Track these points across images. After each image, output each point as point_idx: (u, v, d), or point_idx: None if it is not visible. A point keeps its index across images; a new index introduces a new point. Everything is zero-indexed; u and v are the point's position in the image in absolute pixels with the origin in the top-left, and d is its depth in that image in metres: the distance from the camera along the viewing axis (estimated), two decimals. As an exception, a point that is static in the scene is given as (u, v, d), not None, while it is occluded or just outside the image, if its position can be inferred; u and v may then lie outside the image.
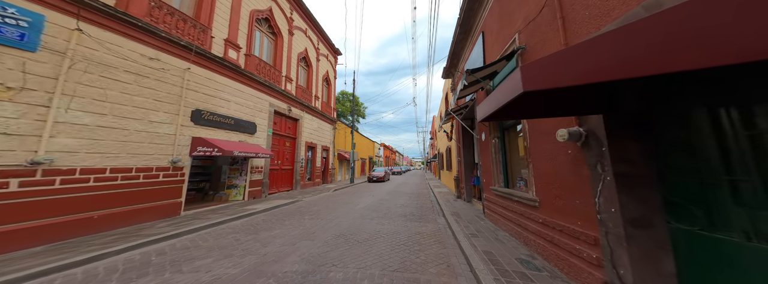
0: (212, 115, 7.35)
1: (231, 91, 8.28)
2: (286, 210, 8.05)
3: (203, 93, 7.18)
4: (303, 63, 15.31)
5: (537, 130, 4.23)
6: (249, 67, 9.38)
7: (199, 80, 7.09)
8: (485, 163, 7.39)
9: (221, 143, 6.99)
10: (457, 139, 11.67)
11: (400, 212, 8.66)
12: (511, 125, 5.92)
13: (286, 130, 12.61)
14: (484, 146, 7.36)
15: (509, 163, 6.17)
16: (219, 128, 7.62)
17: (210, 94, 7.41)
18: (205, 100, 7.22)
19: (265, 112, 10.32)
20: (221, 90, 7.87)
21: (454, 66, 11.69)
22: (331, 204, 9.83)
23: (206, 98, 7.29)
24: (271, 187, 11.08)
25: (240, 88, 8.77)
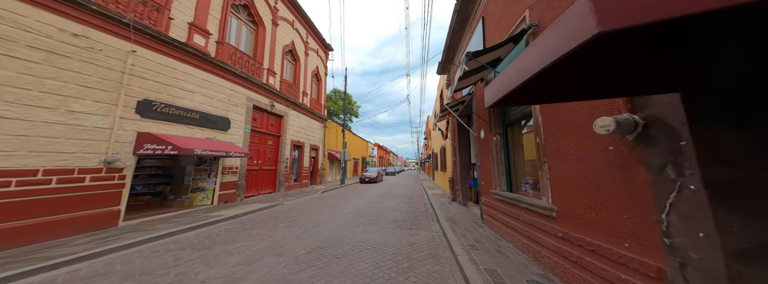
0: (168, 108, 6.32)
1: (196, 81, 7.27)
2: (259, 217, 7.06)
3: (156, 81, 6.14)
4: (289, 56, 14.30)
5: (556, 121, 3.33)
6: (221, 56, 8.36)
7: (151, 66, 6.05)
8: (484, 164, 6.49)
9: (179, 140, 5.98)
10: (453, 138, 10.78)
11: (390, 217, 7.74)
12: (516, 119, 5.03)
13: (268, 127, 11.60)
14: (483, 145, 6.47)
15: (513, 164, 5.27)
16: (178, 123, 6.60)
17: (166, 82, 6.38)
18: (158, 90, 6.19)
19: (241, 107, 9.30)
20: (182, 79, 6.85)
21: (450, 60, 10.81)
22: (315, 207, 8.85)
23: (160, 87, 6.26)
24: (249, 189, 10.05)
25: (209, 78, 7.76)
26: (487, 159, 6.04)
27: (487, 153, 6.02)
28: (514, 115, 5.06)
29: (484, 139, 6.41)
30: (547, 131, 3.51)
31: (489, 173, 5.96)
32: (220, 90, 8.19)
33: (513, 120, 5.11)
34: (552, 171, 3.40)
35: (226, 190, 8.26)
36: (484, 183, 6.55)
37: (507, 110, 5.36)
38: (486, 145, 6.17)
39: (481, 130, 6.64)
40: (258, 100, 10.45)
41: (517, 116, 4.96)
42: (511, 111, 5.17)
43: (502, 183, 5.33)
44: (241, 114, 9.27)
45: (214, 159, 7.91)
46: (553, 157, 3.37)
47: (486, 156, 6.21)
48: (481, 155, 6.76)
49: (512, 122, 5.19)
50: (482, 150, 6.65)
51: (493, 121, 5.69)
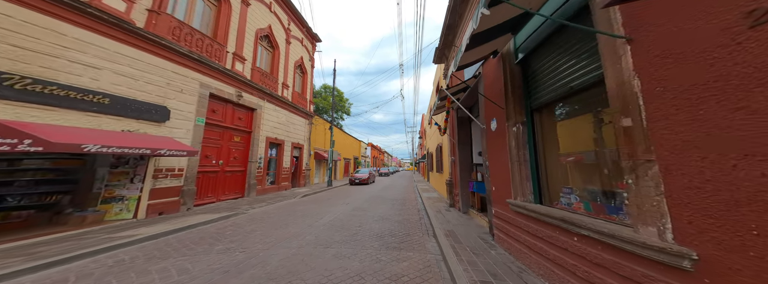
0: (44, 86, 4.38)
1: (107, 54, 5.34)
2: (196, 234, 5.17)
3: (16, 46, 4.20)
4: (265, 42, 12.42)
5: (681, 70, 1.51)
6: (157, 29, 6.46)
7: (6, 23, 4.13)
8: (496, 164, 4.69)
9: (54, 131, 4.07)
10: (451, 134, 8.99)
11: (376, 230, 6.00)
12: (550, 101, 3.22)
13: (234, 121, 9.70)
14: (495, 139, 4.67)
15: (545, 165, 3.46)
16: (68, 108, 4.63)
17: (43, 51, 4.43)
18: (23, 59, 4.24)
19: (190, 94, 7.41)
20: (78, 49, 4.90)
21: (449, 45, 9.00)
22: (284, 218, 7.01)
23: (29, 56, 4.30)
24: (203, 196, 8.16)
25: (132, 54, 5.85)
26: (502, 157, 4.23)
27: (502, 149, 4.22)
28: (547, 94, 3.23)
29: (496, 131, 4.61)
30: (656, 98, 1.70)
31: (504, 176, 4.15)
32: (152, 71, 6.29)
33: (545, 101, 3.29)
34: (672, 177, 1.59)
35: (162, 198, 6.36)
36: (496, 189, 4.75)
37: (535, 89, 3.56)
38: (500, 139, 4.36)
39: (492, 120, 4.83)
40: (218, 88, 8.56)
41: (551, 96, 3.14)
42: (542, 90, 3.36)
43: (526, 191, 3.52)
44: (191, 103, 7.38)
45: (141, 159, 6.01)
46: (675, 150, 1.56)
47: (499, 154, 4.40)
48: (491, 152, 4.95)
49: (543, 105, 3.38)
50: (493, 146, 4.85)
51: (512, 104, 3.88)
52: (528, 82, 3.76)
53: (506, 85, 4.05)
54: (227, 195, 9.19)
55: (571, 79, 2.74)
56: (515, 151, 3.74)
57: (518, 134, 3.71)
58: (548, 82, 3.19)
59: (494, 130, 4.71)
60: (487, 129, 5.17)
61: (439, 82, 12.92)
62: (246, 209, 7.95)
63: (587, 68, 2.50)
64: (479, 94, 4.92)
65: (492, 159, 4.93)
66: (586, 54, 2.52)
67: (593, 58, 2.40)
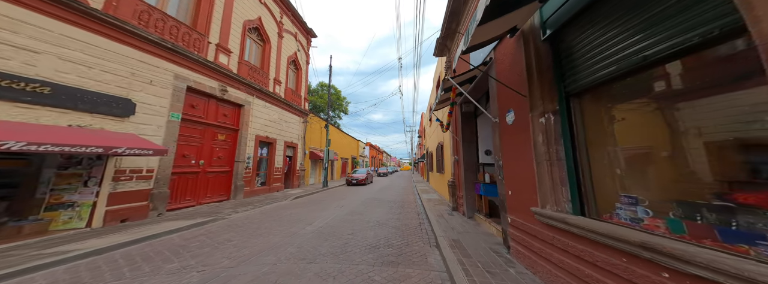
0: None
1: (47, 36, 4.41)
2: (149, 249, 4.28)
3: None
4: (254, 35, 11.55)
5: None
6: (120, 13, 5.58)
7: None
8: (513, 164, 3.84)
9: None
10: (454, 130, 8.14)
11: (370, 239, 5.19)
12: (599, 81, 2.35)
13: (217, 118, 8.83)
14: (513, 134, 3.81)
15: (585, 165, 2.61)
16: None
17: None
18: None
19: (163, 87, 6.54)
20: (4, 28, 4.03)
21: (451, 35, 8.16)
22: (267, 224, 6.17)
23: None
24: (180, 199, 7.29)
25: (84, 38, 4.95)
26: (522, 156, 3.38)
27: (523, 146, 3.36)
28: (595, 72, 2.36)
29: (514, 125, 3.75)
30: None
31: (525, 179, 3.30)
32: (112, 58, 5.41)
33: (589, 83, 2.43)
34: None
35: (125, 204, 5.48)
36: (513, 194, 3.90)
37: (572, 70, 2.70)
38: (519, 135, 3.51)
39: (507, 113, 3.98)
40: (197, 81, 7.69)
41: (601, 75, 2.28)
42: (585, 69, 2.50)
43: (560, 198, 2.67)
44: (163, 96, 6.50)
45: (98, 159, 5.14)
46: None
47: (518, 152, 3.55)
48: (507, 150, 4.10)
49: (586, 88, 2.51)
50: (509, 142, 4.00)
51: (539, 91, 3.02)
52: (561, 61, 2.91)
53: (530, 68, 3.20)
54: (210, 198, 8.32)
55: (645, 45, 1.89)
56: (544, 148, 2.89)
57: (548, 126, 2.86)
58: (597, 56, 2.34)
59: (511, 123, 3.86)
60: (500, 123, 4.32)
61: (440, 76, 12.08)
62: (227, 213, 7.08)
63: (687, 22, 1.65)
64: (492, 78, 4.07)
65: (508, 158, 4.07)
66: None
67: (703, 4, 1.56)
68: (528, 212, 3.29)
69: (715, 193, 1.55)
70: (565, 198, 2.60)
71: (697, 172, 1.68)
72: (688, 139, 1.74)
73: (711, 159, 1.61)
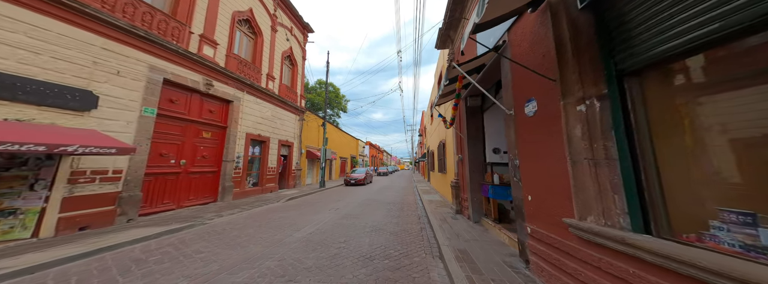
0: None
1: None
2: (95, 266, 3.53)
3: None
4: (245, 27, 10.82)
5: None
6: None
7: None
8: (534, 164, 3.10)
9: None
10: (458, 126, 7.42)
11: (365, 249, 4.55)
12: (682, 50, 1.59)
13: (202, 114, 8.12)
14: (535, 128, 3.07)
15: (651, 165, 1.85)
16: None
17: None
18: None
19: (134, 79, 5.83)
20: None
21: (454, 25, 7.45)
22: (250, 230, 5.49)
23: None
24: (158, 202, 6.58)
25: (29, 19, 4.17)
26: (549, 153, 2.65)
27: (549, 141, 2.63)
28: (671, 39, 1.61)
29: (536, 116, 3.02)
30: None
31: (553, 182, 2.57)
32: (68, 44, 4.67)
33: (661, 55, 1.68)
34: None
35: (85, 209, 4.77)
36: (533, 199, 3.18)
37: (628, 41, 1.95)
38: (545, 127, 2.77)
39: (527, 102, 3.25)
40: (177, 74, 6.97)
41: (682, 41, 1.53)
42: (652, 38, 1.74)
43: (613, 209, 1.92)
44: (134, 89, 5.79)
45: (48, 159, 4.42)
46: None
47: (542, 149, 2.81)
48: (525, 147, 3.37)
49: (654, 63, 1.76)
50: (528, 138, 3.26)
51: (577, 72, 2.27)
52: (609, 32, 2.17)
53: (562, 45, 2.48)
54: (193, 201, 7.61)
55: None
56: (583, 144, 2.16)
57: (591, 116, 2.13)
58: (673, 18, 1.60)
59: (532, 115, 3.13)
60: (517, 116, 3.60)
61: (442, 72, 11.35)
62: (209, 218, 6.39)
63: None
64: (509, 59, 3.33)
65: (526, 156, 3.35)
66: None
67: None
68: (556, 223, 2.57)
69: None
70: (620, 209, 1.88)
71: None
72: None
73: None
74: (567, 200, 2.42)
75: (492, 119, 6.35)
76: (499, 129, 6.27)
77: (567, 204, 2.42)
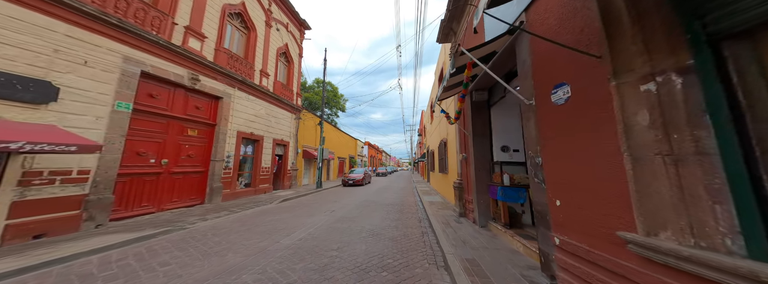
0: None
1: None
2: (55, 279, 2.95)
3: None
4: (237, 21, 10.20)
5: None
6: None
7: None
8: (566, 162, 2.45)
9: None
10: (463, 123, 6.82)
11: (360, 258, 3.99)
12: None
13: (187, 111, 7.48)
14: (565, 118, 2.42)
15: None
16: None
17: None
18: None
19: (106, 71, 5.19)
20: None
21: (457, 16, 6.87)
22: (233, 236, 4.87)
23: None
24: (135, 205, 5.94)
25: None
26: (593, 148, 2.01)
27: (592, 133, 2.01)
28: None
29: (569, 103, 2.40)
30: None
31: (599, 185, 1.93)
32: (22, 29, 3.97)
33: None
34: None
35: (41, 215, 4.11)
36: (563, 205, 2.57)
37: None
38: (583, 116, 2.13)
39: (556, 88, 2.64)
40: (157, 66, 6.34)
41: None
42: None
43: (711, 225, 1.27)
44: (104, 81, 5.15)
45: (-10, 156, 3.79)
46: None
47: (581, 143, 2.19)
48: (551, 141, 2.75)
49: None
50: (557, 130, 2.64)
51: (641, 39, 1.64)
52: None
53: (613, 11, 1.88)
54: (176, 203, 6.97)
55: None
56: (654, 134, 1.56)
57: (670, 95, 1.51)
58: None
59: (563, 102, 2.52)
60: (539, 106, 2.98)
61: (444, 68, 10.75)
62: (191, 222, 5.75)
63: None
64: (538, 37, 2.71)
65: (553, 153, 2.74)
66: None
67: None
68: (602, 235, 1.96)
69: None
70: (725, 225, 1.27)
71: None
72: None
73: None
74: (622, 208, 1.81)
75: (500, 114, 5.75)
76: (508, 125, 5.67)
77: (622, 213, 1.81)
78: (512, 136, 5.70)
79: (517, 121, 5.68)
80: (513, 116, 5.69)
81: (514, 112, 5.69)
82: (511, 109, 5.70)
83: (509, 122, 5.69)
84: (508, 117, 5.71)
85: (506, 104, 5.64)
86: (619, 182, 1.81)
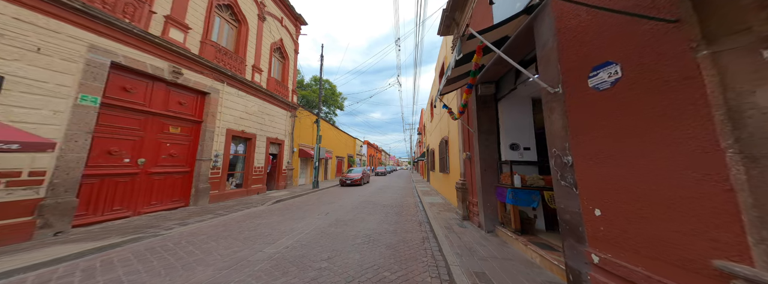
0: None
1: None
2: None
3: None
4: (226, 13, 9.55)
5: None
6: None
7: None
8: (612, 164, 1.81)
9: None
10: (467, 120, 6.22)
11: (352, 271, 3.51)
12: None
13: (168, 106, 6.86)
14: (622, 107, 1.77)
15: None
16: None
17: None
18: None
19: (66, 60, 4.56)
20: None
21: (460, 5, 6.27)
22: (210, 244, 4.29)
23: None
24: (107, 208, 5.33)
25: None
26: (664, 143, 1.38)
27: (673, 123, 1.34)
28: None
29: (617, 87, 1.77)
30: None
31: (686, 197, 1.28)
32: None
33: None
34: None
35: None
36: (607, 215, 1.93)
37: None
38: (647, 102, 1.51)
39: (597, 70, 1.99)
40: (131, 57, 5.71)
41: None
42: None
43: None
44: (64, 71, 4.52)
45: None
46: None
47: (636, 138, 1.56)
48: (588, 137, 2.12)
49: None
50: (598, 122, 2.01)
51: None
52: None
53: None
54: (155, 206, 6.36)
55: None
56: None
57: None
58: None
59: (608, 86, 1.91)
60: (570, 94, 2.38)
61: (445, 63, 10.13)
62: (168, 227, 5.16)
63: None
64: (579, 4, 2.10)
65: (589, 150, 2.13)
66: None
67: None
68: (678, 261, 1.36)
69: None
70: None
71: None
72: None
73: None
74: (722, 227, 1.21)
75: (510, 109, 5.15)
76: (518, 120, 5.07)
77: (721, 234, 1.22)
78: (522, 132, 5.11)
79: (528, 117, 5.09)
80: (524, 111, 5.09)
81: (526, 105, 5.09)
82: (522, 102, 5.10)
83: (520, 117, 5.09)
84: (518, 111, 5.11)
85: (516, 97, 5.04)
86: (717, 190, 1.21)
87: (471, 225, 5.69)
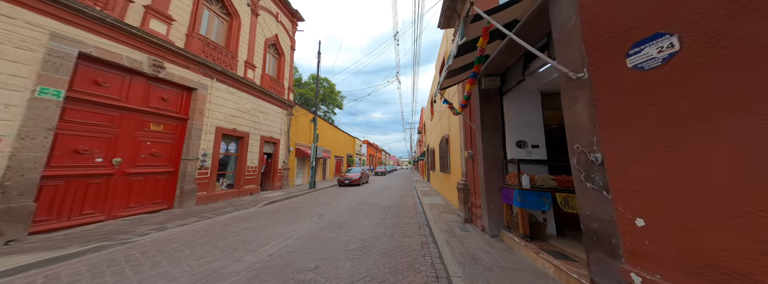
0: None
1: None
2: None
3: None
4: (216, 6, 9.06)
5: None
6: None
7: None
8: (672, 161, 1.24)
9: None
10: (470, 116, 5.71)
11: (343, 282, 2.77)
12: None
13: (148, 102, 6.37)
14: (686, 88, 1.31)
15: None
16: None
17: None
18: None
19: (20, 48, 4.07)
20: None
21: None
22: (185, 252, 3.83)
23: None
24: (77, 212, 4.84)
25: None
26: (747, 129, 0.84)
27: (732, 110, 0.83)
28: None
29: (674, 63, 1.25)
30: None
31: None
32: None
33: None
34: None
35: None
36: (651, 226, 1.45)
37: None
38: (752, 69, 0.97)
39: (639, 46, 1.45)
40: (102, 48, 5.22)
41: None
42: None
43: None
44: (19, 61, 4.03)
45: None
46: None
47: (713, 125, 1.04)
48: (626, 130, 1.57)
49: None
50: (639, 109, 1.50)
51: None
52: None
53: None
54: (134, 209, 5.88)
55: None
56: None
57: None
58: None
59: (657, 63, 1.38)
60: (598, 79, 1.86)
61: (445, 57, 9.61)
62: (143, 232, 4.67)
63: None
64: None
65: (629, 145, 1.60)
66: None
67: None
68: None
69: None
70: None
71: None
72: None
73: None
74: None
75: (516, 103, 4.63)
76: (526, 115, 4.56)
77: None
78: (530, 129, 4.59)
79: (537, 111, 4.58)
80: (532, 105, 4.58)
81: (534, 99, 4.58)
82: (530, 96, 4.59)
83: (527, 112, 4.58)
84: (526, 106, 4.60)
85: (524, 91, 4.53)
86: None
87: (473, 228, 5.20)
